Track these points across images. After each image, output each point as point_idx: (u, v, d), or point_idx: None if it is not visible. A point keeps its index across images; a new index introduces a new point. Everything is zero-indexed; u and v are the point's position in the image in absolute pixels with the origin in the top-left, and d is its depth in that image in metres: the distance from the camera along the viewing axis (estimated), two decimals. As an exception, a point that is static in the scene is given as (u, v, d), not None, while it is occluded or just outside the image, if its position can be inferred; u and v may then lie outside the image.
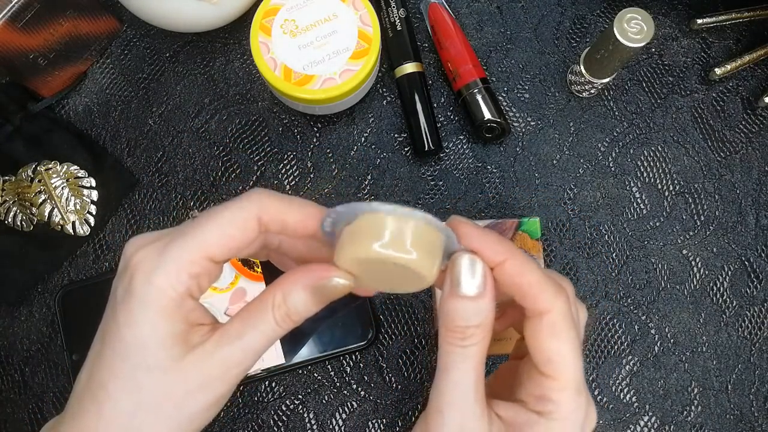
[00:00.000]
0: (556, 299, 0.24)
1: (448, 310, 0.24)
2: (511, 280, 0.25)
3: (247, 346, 0.24)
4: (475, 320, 0.24)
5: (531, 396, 0.25)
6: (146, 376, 0.23)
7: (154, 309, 0.23)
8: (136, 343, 0.23)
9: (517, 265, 0.24)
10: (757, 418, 0.38)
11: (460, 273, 0.24)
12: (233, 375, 0.24)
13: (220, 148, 0.42)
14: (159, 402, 0.23)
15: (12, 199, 0.40)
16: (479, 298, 0.24)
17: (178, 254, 0.23)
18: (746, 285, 0.40)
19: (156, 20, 0.40)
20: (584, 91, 0.42)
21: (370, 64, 0.37)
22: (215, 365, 0.24)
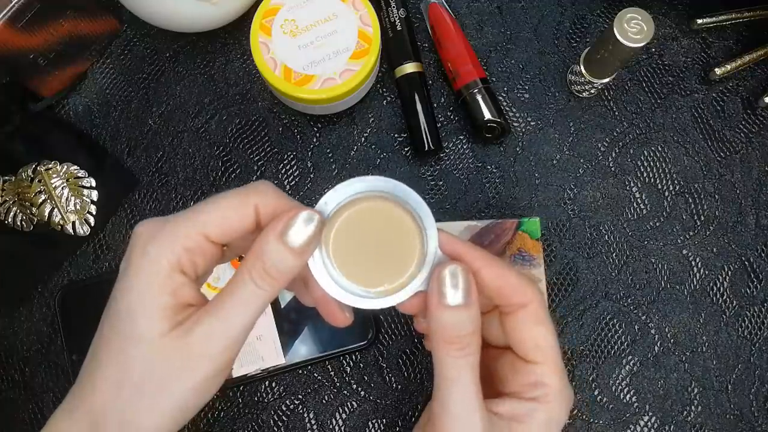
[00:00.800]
0: (534, 292, 0.26)
1: (442, 322, 0.24)
2: (492, 283, 0.26)
3: (227, 314, 0.24)
4: (470, 328, 0.24)
5: (523, 386, 0.26)
6: (133, 348, 0.23)
7: (144, 276, 0.23)
8: (125, 312, 0.23)
9: (496, 269, 0.26)
10: (757, 418, 0.38)
11: (445, 284, 0.24)
12: (218, 350, 0.23)
13: (220, 148, 0.42)
14: (143, 380, 0.23)
15: (12, 199, 0.40)
16: (468, 306, 0.24)
17: (174, 228, 0.24)
18: (746, 285, 0.40)
19: (156, 20, 0.40)
20: (584, 91, 0.42)
21: (370, 64, 0.37)
22: (197, 340, 0.23)
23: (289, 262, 0.24)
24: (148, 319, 0.23)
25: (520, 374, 0.27)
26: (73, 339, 0.38)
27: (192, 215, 0.24)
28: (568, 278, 0.40)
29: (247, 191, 0.25)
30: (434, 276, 0.25)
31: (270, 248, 0.24)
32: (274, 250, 0.24)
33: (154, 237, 0.24)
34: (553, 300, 0.40)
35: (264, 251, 0.24)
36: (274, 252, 0.24)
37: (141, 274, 0.23)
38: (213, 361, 0.24)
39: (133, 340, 0.23)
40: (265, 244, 0.24)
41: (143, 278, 0.23)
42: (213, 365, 0.24)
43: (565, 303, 0.39)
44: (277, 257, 0.24)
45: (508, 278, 0.26)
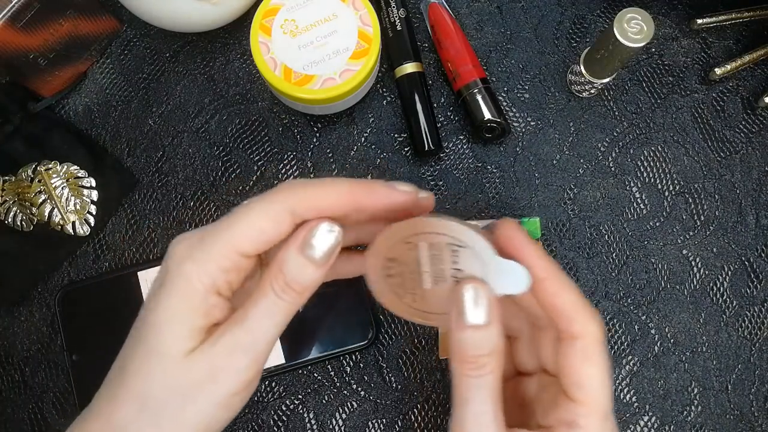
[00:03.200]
0: (591, 324, 0.24)
1: (459, 341, 0.24)
2: (548, 299, 0.25)
3: (251, 327, 0.23)
4: (486, 348, 0.24)
5: (558, 421, 0.25)
6: (158, 363, 0.23)
7: (177, 296, 0.23)
8: (154, 327, 0.23)
9: (556, 284, 0.24)
10: (757, 418, 0.38)
11: (465, 303, 0.24)
12: (243, 363, 0.23)
13: (220, 148, 0.42)
14: (166, 394, 0.23)
15: (12, 199, 0.40)
16: (487, 326, 0.24)
17: (209, 247, 0.23)
18: (746, 285, 0.40)
19: (156, 20, 0.40)
20: (584, 91, 0.42)
21: (370, 64, 0.38)
22: (219, 353, 0.23)
23: (310, 274, 0.24)
24: (176, 339, 0.23)
25: (559, 408, 0.25)
26: (73, 339, 0.38)
27: (226, 232, 0.24)
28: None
29: (277, 197, 0.24)
30: (454, 294, 0.24)
31: (291, 261, 0.24)
32: (295, 263, 0.24)
33: (191, 256, 0.23)
34: (553, 300, 0.40)
35: (285, 264, 0.24)
36: (295, 265, 0.24)
37: (175, 293, 0.23)
38: (238, 375, 0.23)
39: (158, 356, 0.23)
40: (287, 256, 0.24)
41: (177, 298, 0.23)
42: (238, 379, 0.23)
43: (565, 303, 0.39)
44: (298, 270, 0.24)
45: (567, 300, 0.24)
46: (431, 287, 0.26)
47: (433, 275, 0.26)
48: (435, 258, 0.25)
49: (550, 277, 0.24)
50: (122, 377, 0.24)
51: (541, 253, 0.25)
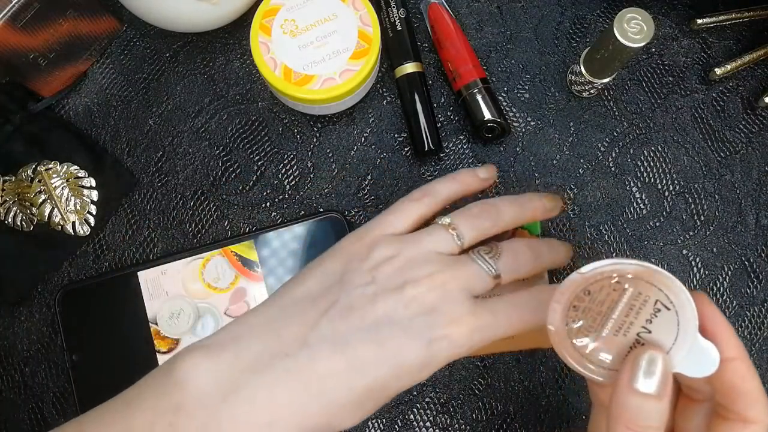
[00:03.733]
0: (766, 412, 0.24)
1: (627, 405, 0.24)
2: (734, 380, 0.24)
3: None
4: (655, 421, 0.23)
5: None
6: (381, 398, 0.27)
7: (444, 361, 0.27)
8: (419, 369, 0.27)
9: (745, 367, 0.24)
10: (757, 418, 0.38)
11: (640, 368, 0.24)
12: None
13: (220, 148, 0.42)
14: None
15: (12, 199, 0.40)
16: (659, 397, 0.23)
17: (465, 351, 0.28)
18: (746, 285, 0.40)
19: (156, 20, 0.40)
20: (584, 91, 0.42)
21: (370, 64, 0.38)
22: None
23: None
24: None
25: None
26: (73, 339, 0.38)
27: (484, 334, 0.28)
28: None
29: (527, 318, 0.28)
30: (630, 357, 0.24)
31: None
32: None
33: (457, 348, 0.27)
34: (553, 300, 0.40)
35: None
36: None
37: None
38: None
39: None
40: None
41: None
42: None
43: (565, 303, 0.39)
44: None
45: (749, 384, 0.24)
46: (608, 336, 0.25)
47: (618, 326, 0.25)
48: (633, 309, 0.25)
49: (741, 359, 0.24)
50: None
51: (735, 333, 0.25)
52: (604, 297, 0.25)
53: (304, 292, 0.28)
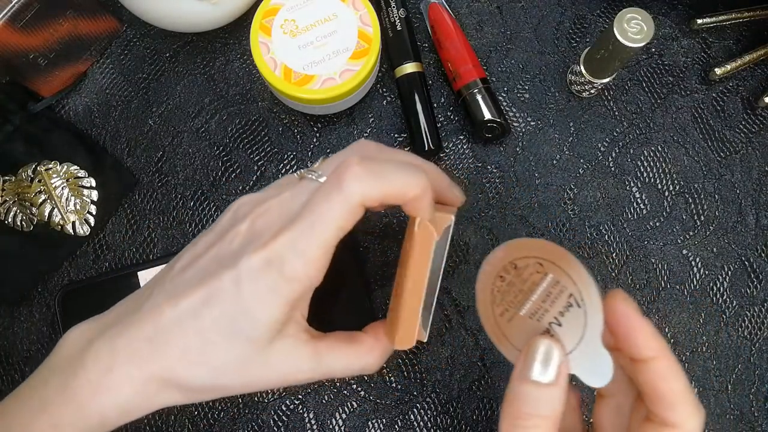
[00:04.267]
0: (693, 418, 0.23)
1: (518, 393, 0.23)
2: (654, 381, 0.23)
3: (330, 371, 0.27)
4: (545, 410, 0.23)
5: None
6: (242, 345, 0.25)
7: (284, 296, 0.25)
8: (252, 316, 0.25)
9: (665, 367, 0.23)
10: (757, 418, 0.38)
11: (535, 358, 0.23)
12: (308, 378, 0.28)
13: (220, 148, 0.42)
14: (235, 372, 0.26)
15: (12, 199, 0.40)
16: (552, 387, 0.23)
17: (310, 249, 0.25)
18: (746, 285, 0.40)
19: (156, 20, 0.40)
20: (584, 91, 0.42)
21: (370, 64, 0.38)
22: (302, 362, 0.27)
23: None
24: (269, 330, 0.26)
25: None
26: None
27: (320, 231, 0.25)
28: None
29: (352, 197, 0.24)
30: (531, 342, 0.24)
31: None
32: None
33: (295, 257, 0.25)
34: (553, 300, 0.39)
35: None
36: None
37: (280, 290, 0.25)
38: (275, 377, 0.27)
39: (247, 341, 0.26)
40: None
41: (281, 295, 0.25)
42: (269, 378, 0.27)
43: (565, 303, 0.39)
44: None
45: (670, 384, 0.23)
46: (524, 316, 0.25)
47: (534, 310, 0.25)
48: (549, 297, 0.25)
49: (660, 358, 0.23)
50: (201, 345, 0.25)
51: (654, 331, 0.24)
52: (528, 276, 0.25)
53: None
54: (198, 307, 0.25)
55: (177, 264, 0.28)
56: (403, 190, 0.25)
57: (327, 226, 0.24)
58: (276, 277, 0.25)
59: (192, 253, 0.28)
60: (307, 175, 0.28)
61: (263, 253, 0.25)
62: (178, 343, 0.25)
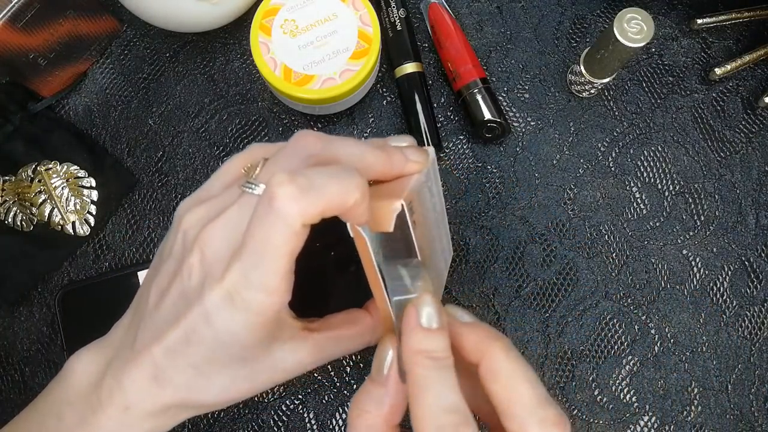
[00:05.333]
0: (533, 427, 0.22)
1: (413, 339, 0.24)
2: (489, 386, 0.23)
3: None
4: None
5: None
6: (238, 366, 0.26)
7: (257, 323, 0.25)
8: (235, 345, 0.25)
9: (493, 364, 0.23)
10: (757, 418, 0.38)
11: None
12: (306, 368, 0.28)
13: (220, 148, 0.42)
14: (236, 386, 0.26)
15: (12, 199, 0.40)
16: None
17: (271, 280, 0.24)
18: (746, 285, 0.40)
19: (156, 20, 0.40)
20: (584, 91, 0.42)
21: (370, 64, 0.37)
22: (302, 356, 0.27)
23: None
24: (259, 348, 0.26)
25: None
26: (73, 339, 0.38)
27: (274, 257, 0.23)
28: (568, 278, 0.40)
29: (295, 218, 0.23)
30: (417, 301, 0.24)
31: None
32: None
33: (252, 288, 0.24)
34: (553, 300, 0.40)
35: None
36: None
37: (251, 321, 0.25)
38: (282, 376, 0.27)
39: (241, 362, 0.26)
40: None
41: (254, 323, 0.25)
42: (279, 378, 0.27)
43: (565, 303, 0.39)
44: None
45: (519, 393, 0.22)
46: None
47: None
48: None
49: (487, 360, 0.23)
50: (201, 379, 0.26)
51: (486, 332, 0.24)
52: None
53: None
54: (182, 347, 0.25)
55: (149, 297, 0.27)
56: (342, 200, 0.23)
57: (275, 254, 0.23)
58: (243, 310, 0.24)
59: (158, 287, 0.27)
60: (245, 188, 0.26)
61: (220, 290, 0.24)
62: (180, 379, 0.25)
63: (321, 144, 0.26)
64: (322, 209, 0.23)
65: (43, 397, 0.28)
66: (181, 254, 0.27)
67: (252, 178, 0.26)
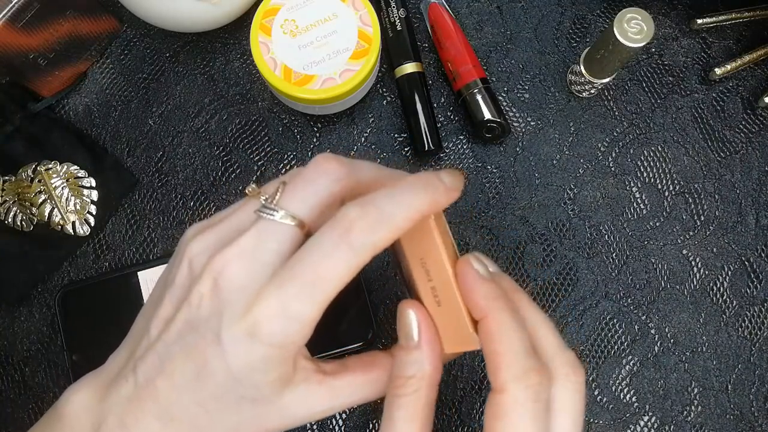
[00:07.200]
0: (517, 382, 0.22)
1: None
2: (483, 344, 0.23)
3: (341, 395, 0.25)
4: (407, 371, 0.24)
5: None
6: (251, 407, 0.24)
7: (279, 363, 0.23)
8: (249, 384, 0.23)
9: (493, 328, 0.23)
10: (757, 418, 0.38)
11: (398, 321, 0.24)
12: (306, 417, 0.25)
13: (220, 148, 0.42)
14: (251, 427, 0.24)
15: (12, 199, 0.40)
16: (412, 349, 0.24)
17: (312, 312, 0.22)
18: (746, 285, 0.40)
19: (156, 20, 0.40)
20: (584, 91, 0.42)
21: (370, 64, 0.38)
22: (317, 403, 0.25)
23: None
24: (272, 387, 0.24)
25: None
26: (73, 339, 0.38)
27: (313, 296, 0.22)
28: (568, 278, 0.40)
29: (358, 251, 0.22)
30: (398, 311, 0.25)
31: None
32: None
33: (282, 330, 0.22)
34: (553, 300, 0.40)
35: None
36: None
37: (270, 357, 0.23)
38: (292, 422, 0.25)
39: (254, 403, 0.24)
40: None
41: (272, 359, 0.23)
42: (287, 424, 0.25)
43: (565, 303, 0.39)
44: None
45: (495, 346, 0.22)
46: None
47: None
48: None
49: (488, 318, 0.22)
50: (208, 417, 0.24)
51: (489, 292, 0.23)
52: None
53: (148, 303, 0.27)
54: (191, 383, 0.23)
55: (151, 327, 0.25)
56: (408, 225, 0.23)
57: (332, 286, 0.22)
58: (265, 343, 0.22)
59: (161, 316, 0.25)
60: (264, 214, 0.24)
61: (243, 325, 0.22)
62: (185, 417, 0.24)
63: (345, 170, 0.25)
64: (394, 237, 0.22)
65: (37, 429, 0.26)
66: (189, 283, 0.25)
67: (271, 203, 0.24)
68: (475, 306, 0.23)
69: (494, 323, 0.23)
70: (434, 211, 0.24)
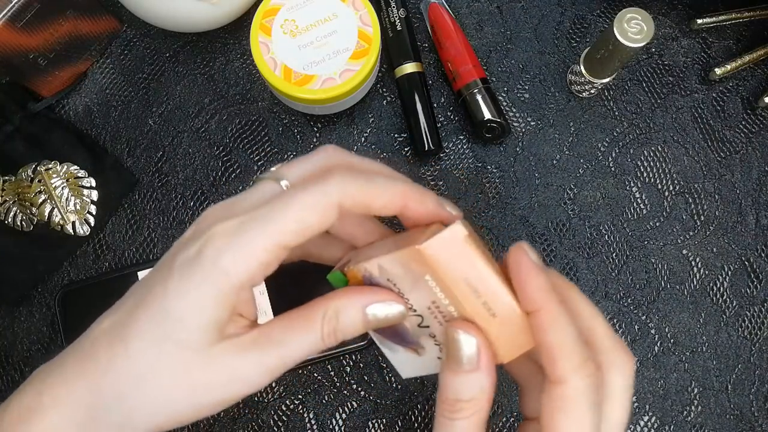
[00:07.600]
0: (577, 372, 0.22)
1: (442, 380, 0.23)
2: (538, 336, 0.22)
3: (285, 354, 0.23)
4: (466, 395, 0.23)
5: None
6: (174, 350, 0.22)
7: (211, 292, 0.22)
8: (177, 316, 0.22)
9: (548, 319, 0.22)
10: (757, 418, 0.38)
11: (452, 346, 0.23)
12: (260, 381, 0.23)
13: (220, 148, 0.42)
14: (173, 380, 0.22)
15: (12, 199, 0.40)
16: (471, 372, 0.23)
17: (253, 239, 0.22)
18: (746, 285, 0.40)
19: (156, 20, 0.40)
20: (584, 91, 0.42)
21: (370, 64, 0.38)
22: (247, 365, 0.23)
23: (358, 331, 0.24)
24: (201, 332, 0.22)
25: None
26: (73, 339, 0.38)
27: (270, 219, 0.22)
28: (568, 278, 0.40)
29: (328, 188, 0.22)
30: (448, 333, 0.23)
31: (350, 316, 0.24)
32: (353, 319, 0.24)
33: (230, 248, 0.22)
34: (553, 300, 0.40)
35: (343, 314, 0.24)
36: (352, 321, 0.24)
37: (208, 288, 0.22)
38: (251, 388, 0.23)
39: (175, 343, 0.22)
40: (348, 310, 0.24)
41: (209, 293, 0.22)
42: (249, 391, 0.23)
43: (565, 303, 0.39)
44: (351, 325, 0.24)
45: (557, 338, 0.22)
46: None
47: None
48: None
49: (543, 310, 0.22)
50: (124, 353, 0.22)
51: (543, 284, 0.23)
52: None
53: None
54: (125, 318, 0.23)
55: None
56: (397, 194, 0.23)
57: (289, 217, 0.21)
58: (207, 269, 0.22)
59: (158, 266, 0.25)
60: (264, 176, 0.25)
61: (197, 244, 0.22)
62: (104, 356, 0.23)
63: (343, 155, 0.26)
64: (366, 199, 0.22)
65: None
66: (189, 238, 0.24)
67: (269, 172, 0.25)
68: (529, 298, 0.23)
69: (549, 315, 0.22)
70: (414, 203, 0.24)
